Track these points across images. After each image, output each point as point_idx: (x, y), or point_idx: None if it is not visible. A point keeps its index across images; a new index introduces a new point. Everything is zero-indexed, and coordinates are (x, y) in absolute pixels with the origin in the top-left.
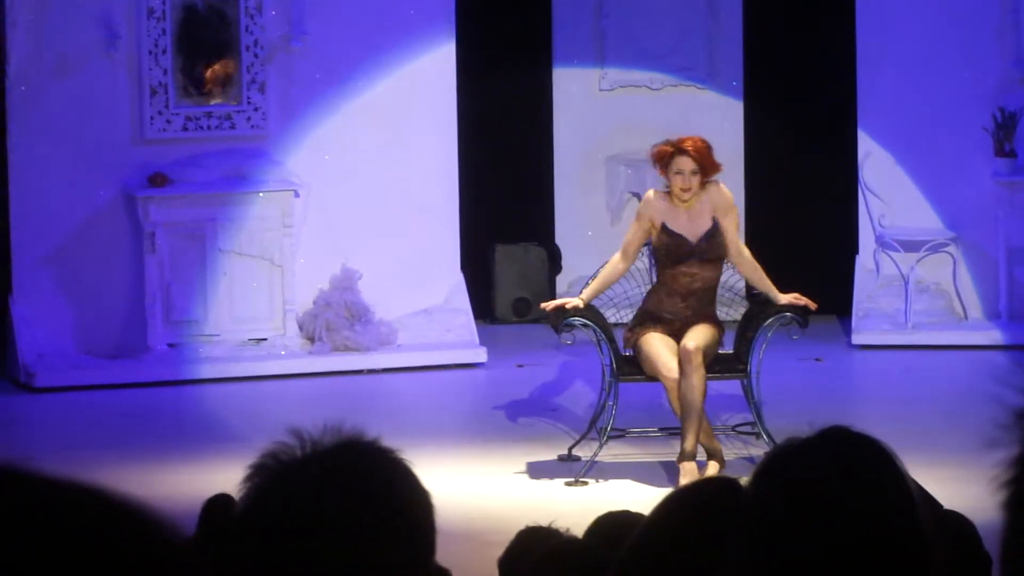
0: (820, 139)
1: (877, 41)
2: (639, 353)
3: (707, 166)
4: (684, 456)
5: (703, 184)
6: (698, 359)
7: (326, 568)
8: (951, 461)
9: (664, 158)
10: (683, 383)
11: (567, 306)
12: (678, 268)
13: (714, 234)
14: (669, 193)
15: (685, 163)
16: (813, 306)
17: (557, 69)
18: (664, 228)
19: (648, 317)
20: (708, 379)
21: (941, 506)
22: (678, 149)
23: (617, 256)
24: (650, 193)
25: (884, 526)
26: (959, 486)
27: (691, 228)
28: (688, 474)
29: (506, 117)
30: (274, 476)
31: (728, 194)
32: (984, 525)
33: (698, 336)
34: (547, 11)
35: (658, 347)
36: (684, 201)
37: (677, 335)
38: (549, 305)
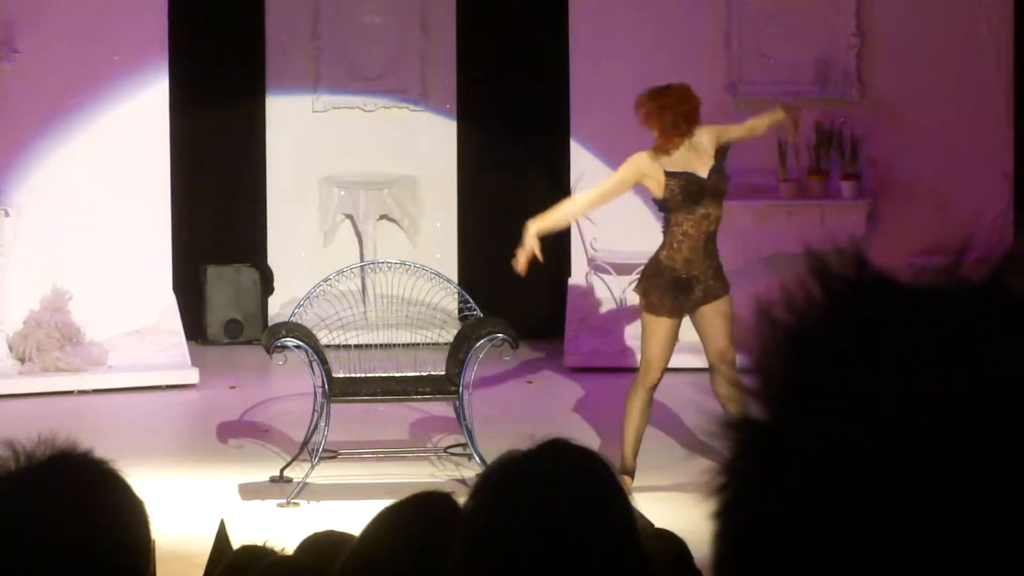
0: (534, 160)
1: (590, 65)
2: (647, 322)
3: (693, 111)
4: None
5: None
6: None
7: None
8: (663, 482)
9: (651, 112)
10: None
11: (535, 251)
12: (697, 211)
13: (720, 167)
14: (656, 150)
15: (671, 113)
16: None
17: (271, 92)
18: (670, 174)
19: (677, 285)
20: (418, 400)
21: (652, 525)
22: (663, 102)
23: (583, 197)
24: (641, 155)
25: (603, 534)
26: (671, 506)
27: (697, 165)
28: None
29: (219, 137)
30: None
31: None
32: (694, 544)
33: (727, 331)
34: (260, 30)
35: (664, 344)
36: (678, 144)
37: (694, 307)
38: (522, 261)
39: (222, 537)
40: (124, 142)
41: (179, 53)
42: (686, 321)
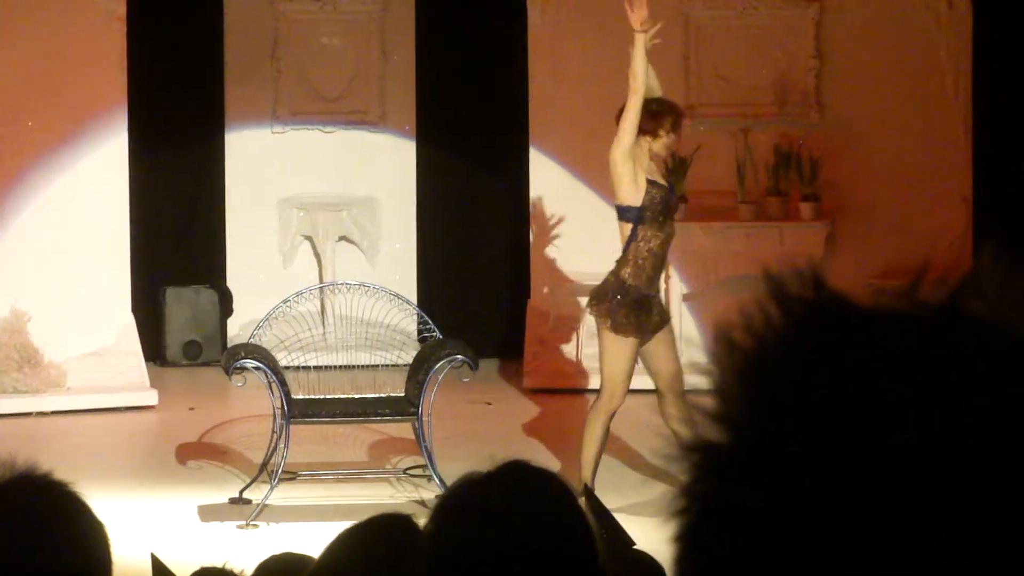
0: (493, 182)
1: (549, 87)
2: (611, 344)
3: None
4: None
5: None
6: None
7: None
8: (620, 503)
9: (664, 117)
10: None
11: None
12: (665, 229)
13: (675, 187)
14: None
15: (681, 126)
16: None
17: (230, 113)
18: (651, 183)
19: (640, 304)
20: (377, 422)
21: (634, 543)
22: (679, 113)
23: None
24: None
25: (562, 555)
26: (630, 529)
27: (663, 182)
28: None
29: (178, 158)
30: None
31: None
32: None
33: (676, 355)
34: (219, 52)
35: (630, 366)
36: (653, 160)
37: (654, 330)
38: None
39: (159, 568)
40: (83, 164)
41: (138, 76)
42: None
